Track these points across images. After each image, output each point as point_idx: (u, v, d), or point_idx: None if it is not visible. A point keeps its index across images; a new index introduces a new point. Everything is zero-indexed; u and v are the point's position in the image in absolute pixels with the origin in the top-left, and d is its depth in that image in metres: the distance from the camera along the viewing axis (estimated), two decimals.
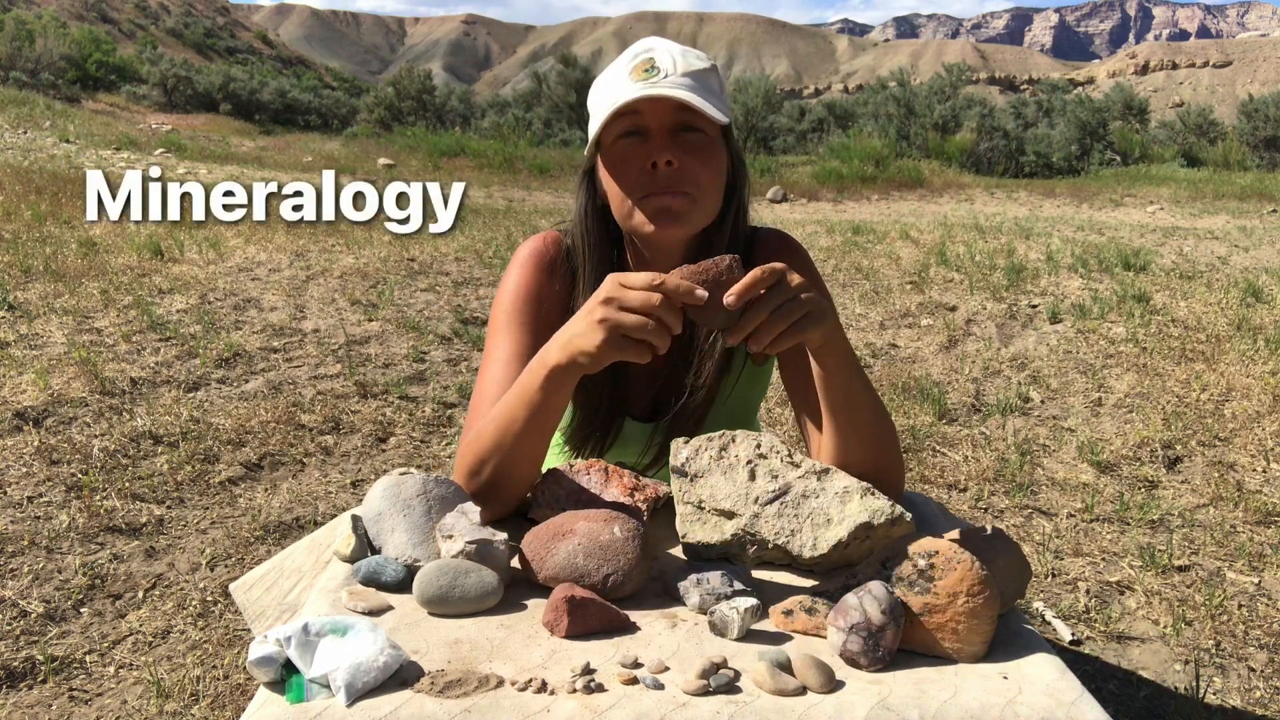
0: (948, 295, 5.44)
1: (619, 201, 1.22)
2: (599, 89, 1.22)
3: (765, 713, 0.79)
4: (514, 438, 1.09)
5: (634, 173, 1.18)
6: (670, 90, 1.13)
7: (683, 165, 1.17)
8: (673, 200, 1.18)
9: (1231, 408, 3.57)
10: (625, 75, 1.18)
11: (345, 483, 2.86)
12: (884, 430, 1.14)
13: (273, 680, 0.83)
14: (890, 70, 21.88)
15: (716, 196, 1.23)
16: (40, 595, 2.14)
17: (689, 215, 1.20)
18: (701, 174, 1.19)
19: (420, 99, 22.18)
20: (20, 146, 12.55)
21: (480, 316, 4.83)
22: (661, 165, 1.16)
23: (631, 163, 1.18)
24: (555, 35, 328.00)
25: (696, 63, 1.19)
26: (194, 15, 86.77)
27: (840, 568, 1.05)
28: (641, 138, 1.18)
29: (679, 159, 1.17)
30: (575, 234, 1.31)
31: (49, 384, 3.35)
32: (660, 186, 1.17)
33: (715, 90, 1.19)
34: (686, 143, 1.18)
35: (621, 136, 1.18)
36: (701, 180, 1.19)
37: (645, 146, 1.18)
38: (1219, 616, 2.19)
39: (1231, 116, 20.56)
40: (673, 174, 1.17)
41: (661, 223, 1.19)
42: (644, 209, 1.19)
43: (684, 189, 1.18)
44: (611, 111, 1.14)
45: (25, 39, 24.78)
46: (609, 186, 1.22)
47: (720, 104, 1.18)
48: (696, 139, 1.18)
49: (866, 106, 19.43)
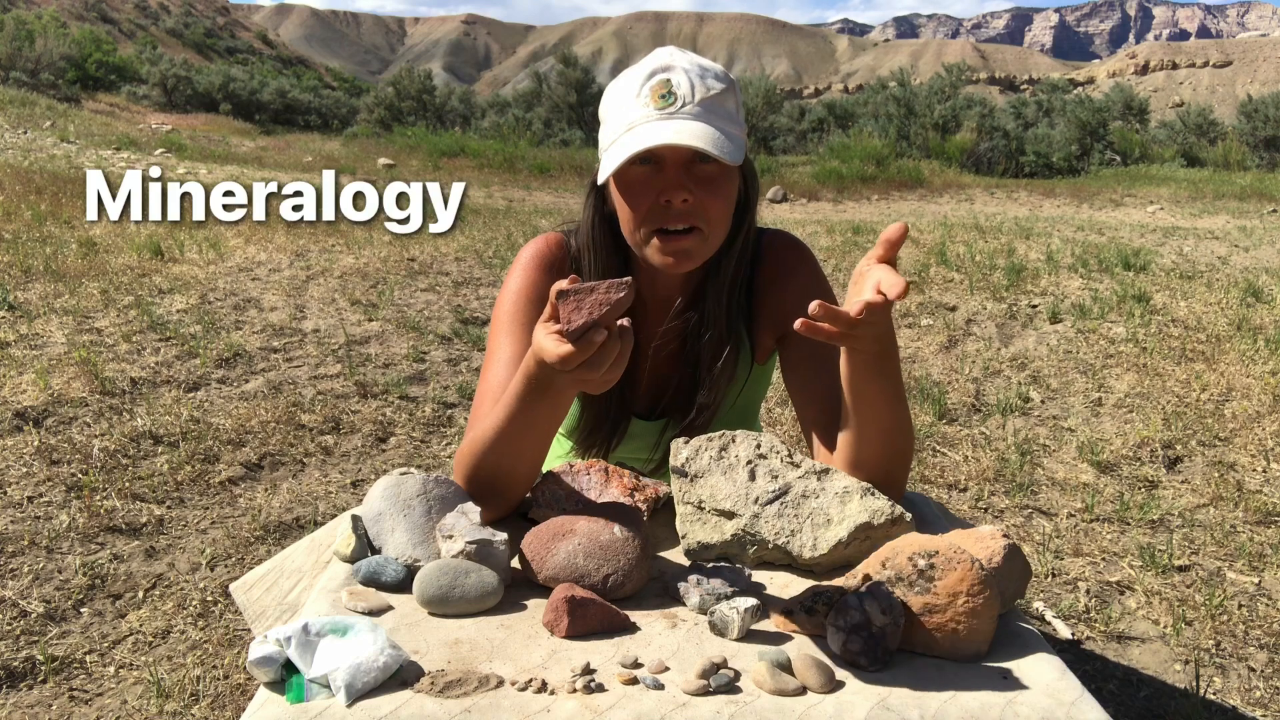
0: (948, 295, 5.44)
1: (630, 227, 1.22)
2: (612, 102, 1.21)
3: (765, 713, 0.79)
4: (511, 440, 1.09)
5: (646, 204, 1.18)
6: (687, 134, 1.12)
7: (696, 201, 1.17)
8: (684, 241, 1.18)
9: (1231, 408, 3.57)
10: (642, 99, 1.17)
11: (345, 483, 2.86)
12: (904, 427, 1.14)
13: (273, 680, 0.83)
14: (890, 70, 21.88)
15: (726, 225, 1.23)
16: (40, 595, 2.14)
17: (700, 252, 1.21)
18: (713, 207, 1.18)
19: (420, 99, 22.18)
20: (20, 146, 12.55)
21: (480, 316, 4.83)
22: (677, 204, 1.16)
23: (644, 194, 1.18)
24: (555, 35, 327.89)
25: (715, 85, 1.17)
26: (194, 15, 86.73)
27: (840, 568, 1.05)
28: (655, 166, 1.18)
29: (693, 194, 1.16)
30: (583, 243, 1.31)
31: (49, 384, 3.35)
32: (673, 222, 1.17)
33: (732, 114, 1.19)
34: (701, 174, 1.17)
35: (634, 163, 1.17)
36: (713, 214, 1.19)
37: (659, 178, 1.17)
38: (1219, 616, 2.19)
39: (1231, 116, 20.55)
40: (686, 209, 1.17)
41: (672, 263, 1.20)
42: (656, 247, 1.19)
43: (697, 224, 1.18)
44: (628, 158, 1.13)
45: (25, 39, 24.78)
46: (620, 207, 1.22)
47: (736, 130, 1.18)
48: (711, 170, 1.18)
49: (866, 106, 19.42)
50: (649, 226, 1.19)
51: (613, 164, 1.15)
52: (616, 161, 1.14)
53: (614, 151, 1.16)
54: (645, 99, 1.16)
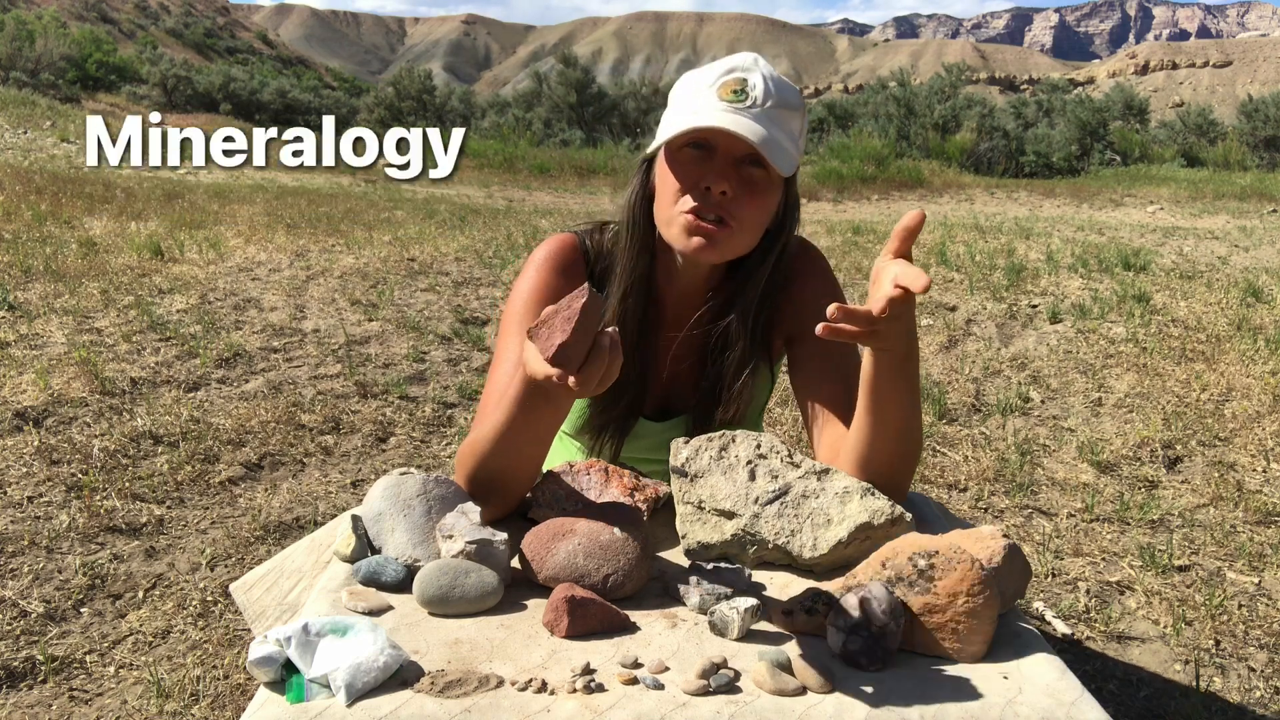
0: (948, 295, 5.44)
1: (665, 205, 1.22)
2: (684, 88, 1.22)
3: (765, 713, 0.79)
4: (511, 441, 1.09)
5: (688, 184, 1.18)
6: (748, 130, 1.12)
7: (735, 196, 1.17)
8: (713, 228, 1.18)
9: (1231, 408, 3.57)
10: (714, 88, 1.17)
11: (345, 483, 2.86)
12: (916, 430, 1.13)
13: (273, 680, 0.83)
14: (890, 70, 21.88)
15: (755, 233, 1.23)
16: (40, 595, 2.14)
17: (723, 245, 1.20)
18: (749, 208, 1.19)
19: (420, 99, 22.17)
20: (20, 146, 12.55)
21: (480, 316, 4.83)
22: (716, 193, 1.17)
23: (689, 175, 1.18)
24: (555, 35, 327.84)
25: (788, 98, 1.18)
26: (194, 15, 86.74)
27: (840, 568, 1.05)
28: (707, 153, 1.18)
29: (734, 190, 1.17)
30: (623, 217, 1.31)
31: (49, 384, 3.35)
32: (706, 210, 1.18)
33: (794, 135, 1.19)
34: (747, 176, 1.18)
35: (688, 145, 1.18)
36: (746, 214, 1.19)
37: (707, 165, 1.18)
38: (1219, 616, 2.18)
39: (1231, 116, 20.55)
40: (722, 201, 1.17)
41: (694, 244, 1.19)
42: (684, 225, 1.19)
43: (728, 219, 1.18)
44: (684, 129, 1.13)
45: (25, 39, 24.78)
46: (660, 184, 1.23)
47: (794, 149, 1.18)
48: (758, 175, 1.18)
49: (866, 106, 19.42)
50: (684, 207, 1.19)
51: (668, 133, 1.16)
52: (673, 131, 1.15)
53: (673, 122, 1.17)
54: (718, 90, 1.17)
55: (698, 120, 1.14)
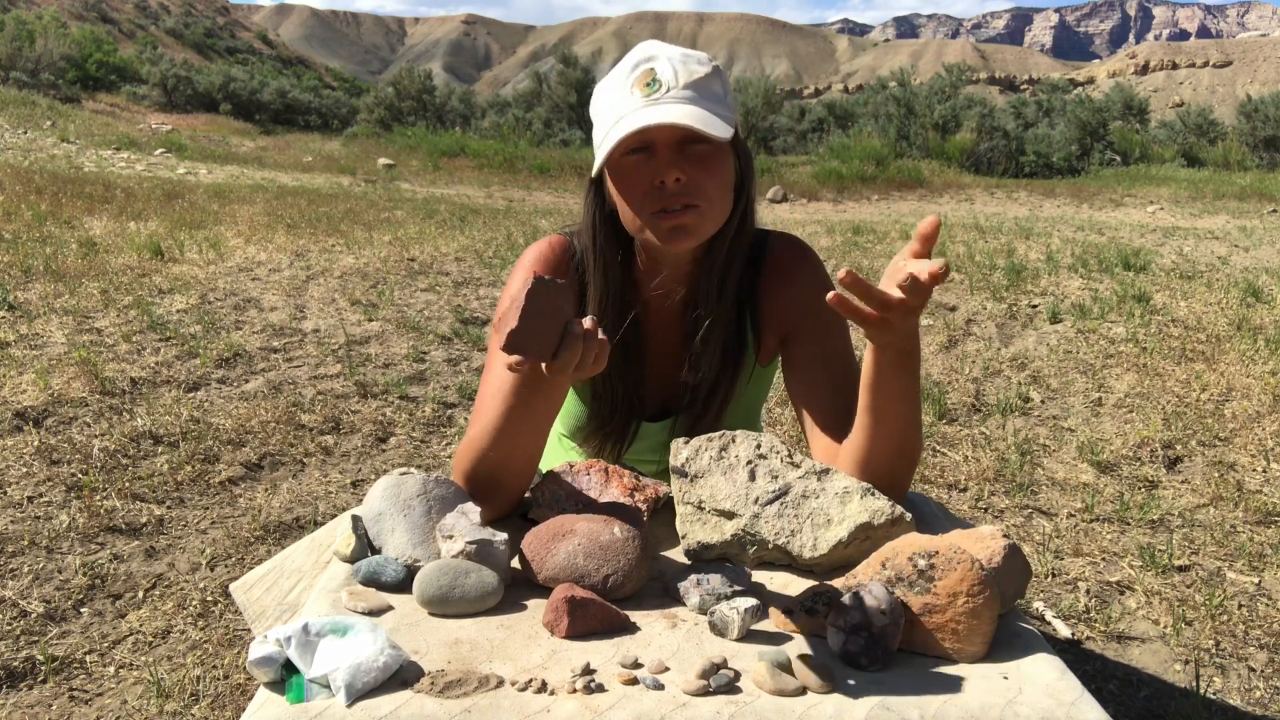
0: (948, 295, 5.44)
1: (629, 216, 1.22)
2: (601, 100, 1.22)
3: (765, 713, 0.79)
4: (509, 430, 1.11)
5: (642, 190, 1.18)
6: (674, 114, 1.12)
7: (690, 179, 1.17)
8: (683, 218, 1.18)
9: (1231, 408, 3.57)
10: (627, 87, 1.17)
11: (345, 483, 2.86)
12: (916, 429, 1.13)
13: (273, 680, 0.83)
14: (890, 70, 21.87)
15: (725, 203, 1.23)
16: (40, 595, 2.14)
17: (699, 228, 1.20)
18: (708, 185, 1.18)
19: (420, 99, 22.19)
20: (20, 146, 12.56)
21: (480, 316, 4.83)
22: (670, 183, 1.17)
23: (639, 180, 1.18)
24: (555, 35, 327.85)
25: (698, 69, 1.18)
26: (194, 15, 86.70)
27: (840, 568, 1.05)
28: (648, 153, 1.18)
29: (686, 173, 1.17)
30: (586, 242, 1.31)
31: (49, 384, 3.35)
32: (669, 202, 1.17)
33: (719, 96, 1.19)
34: (693, 154, 1.18)
35: (628, 153, 1.18)
36: (709, 191, 1.19)
37: (652, 163, 1.17)
38: (1219, 616, 2.18)
39: (1231, 116, 20.54)
40: (680, 189, 1.17)
41: (673, 240, 1.19)
42: (655, 227, 1.19)
43: (693, 202, 1.18)
44: (617, 141, 1.14)
45: (25, 39, 24.78)
46: (618, 198, 1.22)
47: (724, 110, 1.18)
48: (702, 149, 1.18)
49: (866, 106, 19.42)
50: (647, 210, 1.19)
51: (604, 149, 1.16)
52: (609, 145, 1.15)
53: (605, 143, 1.17)
54: (632, 89, 1.17)
55: (626, 126, 1.14)
